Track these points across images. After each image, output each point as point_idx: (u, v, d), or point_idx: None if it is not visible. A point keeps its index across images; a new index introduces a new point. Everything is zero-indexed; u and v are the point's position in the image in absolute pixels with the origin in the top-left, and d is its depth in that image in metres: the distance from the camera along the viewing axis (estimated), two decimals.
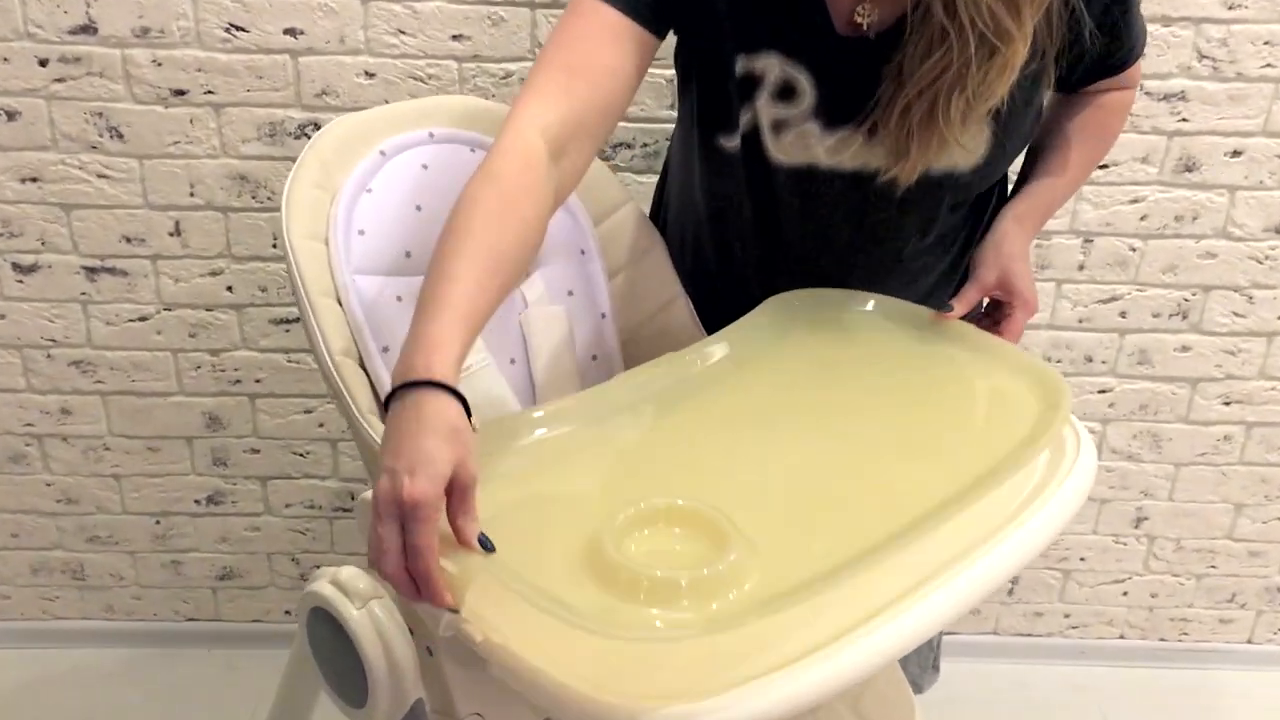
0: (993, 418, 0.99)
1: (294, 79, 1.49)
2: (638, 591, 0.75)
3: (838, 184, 1.06)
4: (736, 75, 1.01)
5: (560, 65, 0.95)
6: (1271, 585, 1.86)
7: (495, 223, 0.85)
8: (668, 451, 0.97)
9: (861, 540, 0.77)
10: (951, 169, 1.03)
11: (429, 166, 1.12)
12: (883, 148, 1.01)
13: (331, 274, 1.03)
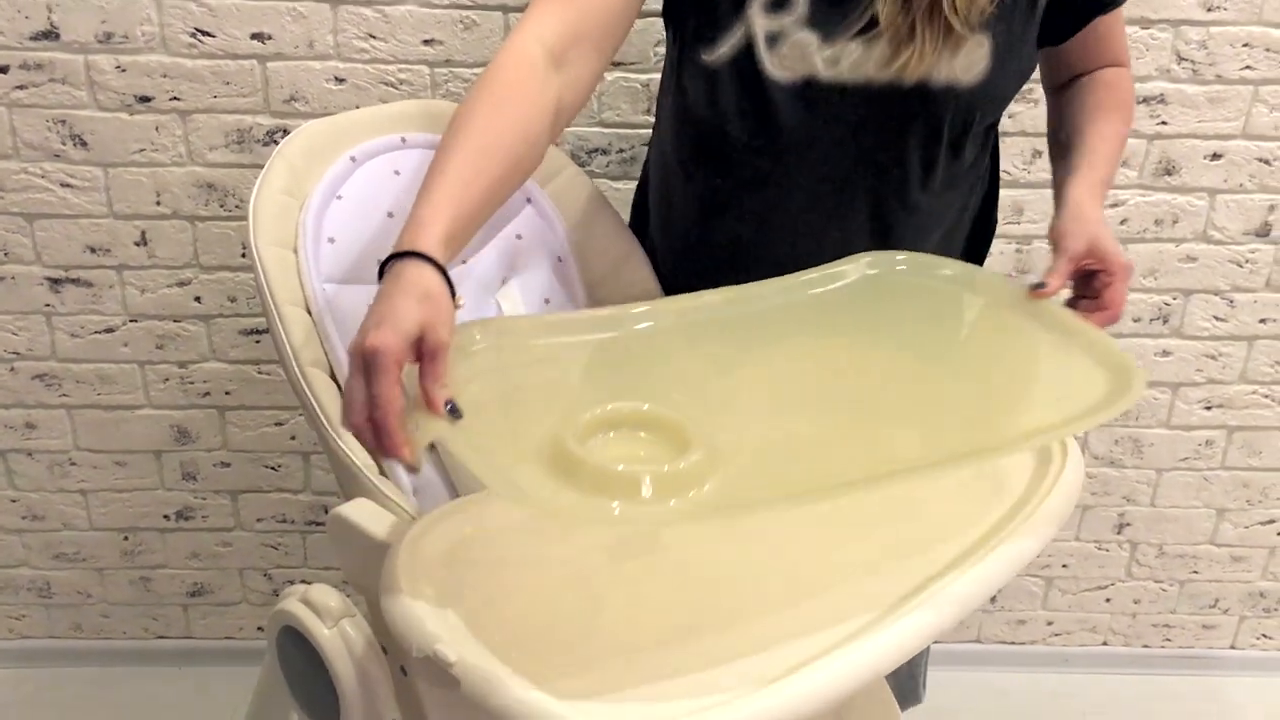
0: (1034, 395, 0.95)
1: (262, 85, 1.46)
2: (598, 486, 0.73)
3: (836, 99, 1.02)
4: None
5: None
6: (1254, 590, 1.85)
7: (486, 118, 0.88)
8: (666, 371, 0.93)
9: (834, 478, 0.74)
10: (953, 82, 1.01)
11: (401, 172, 1.10)
12: (883, 56, 0.99)
13: (300, 282, 1.00)
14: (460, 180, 0.84)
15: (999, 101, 1.07)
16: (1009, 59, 1.02)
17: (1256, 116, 1.52)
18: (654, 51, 1.46)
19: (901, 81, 1.00)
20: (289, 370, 0.98)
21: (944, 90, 1.01)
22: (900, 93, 1.01)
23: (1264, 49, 1.49)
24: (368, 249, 1.05)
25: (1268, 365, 1.67)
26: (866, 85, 1.01)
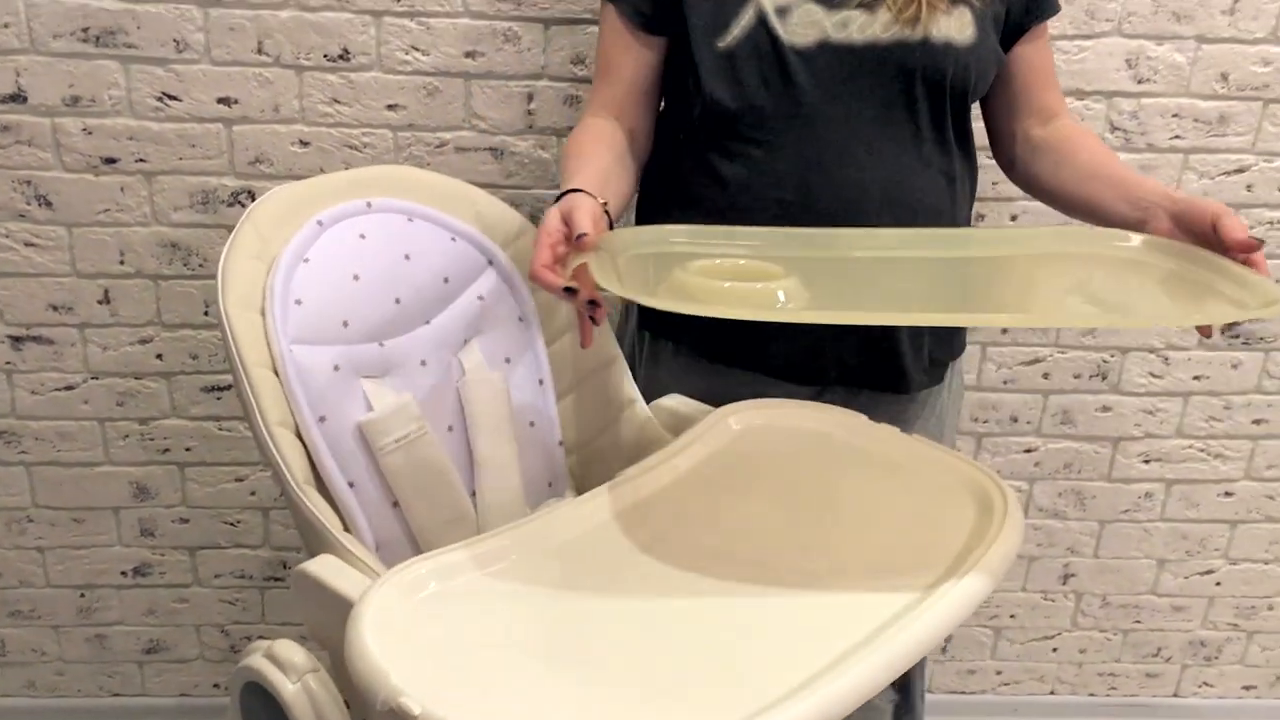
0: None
1: (227, 147, 1.49)
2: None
3: (850, 58, 1.13)
4: None
5: (599, 73, 1.22)
6: (1195, 639, 1.90)
7: (591, 141, 1.16)
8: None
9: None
10: (950, 39, 1.13)
11: (366, 236, 1.13)
12: (887, 15, 1.12)
13: (268, 344, 1.03)
14: (594, 169, 1.09)
15: (987, 66, 1.18)
16: (987, 32, 1.16)
17: (1187, 183, 1.60)
18: None
19: (906, 38, 1.12)
20: (256, 430, 1.01)
21: (944, 45, 1.13)
22: (906, 46, 1.13)
23: (1192, 119, 1.56)
24: (334, 311, 1.08)
25: (1201, 420, 1.73)
26: (874, 43, 1.13)
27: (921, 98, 1.16)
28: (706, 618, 0.86)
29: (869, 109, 1.15)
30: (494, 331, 1.20)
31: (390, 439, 1.06)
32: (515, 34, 1.47)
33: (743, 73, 1.14)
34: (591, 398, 1.25)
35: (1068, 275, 1.07)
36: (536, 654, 0.82)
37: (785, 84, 1.13)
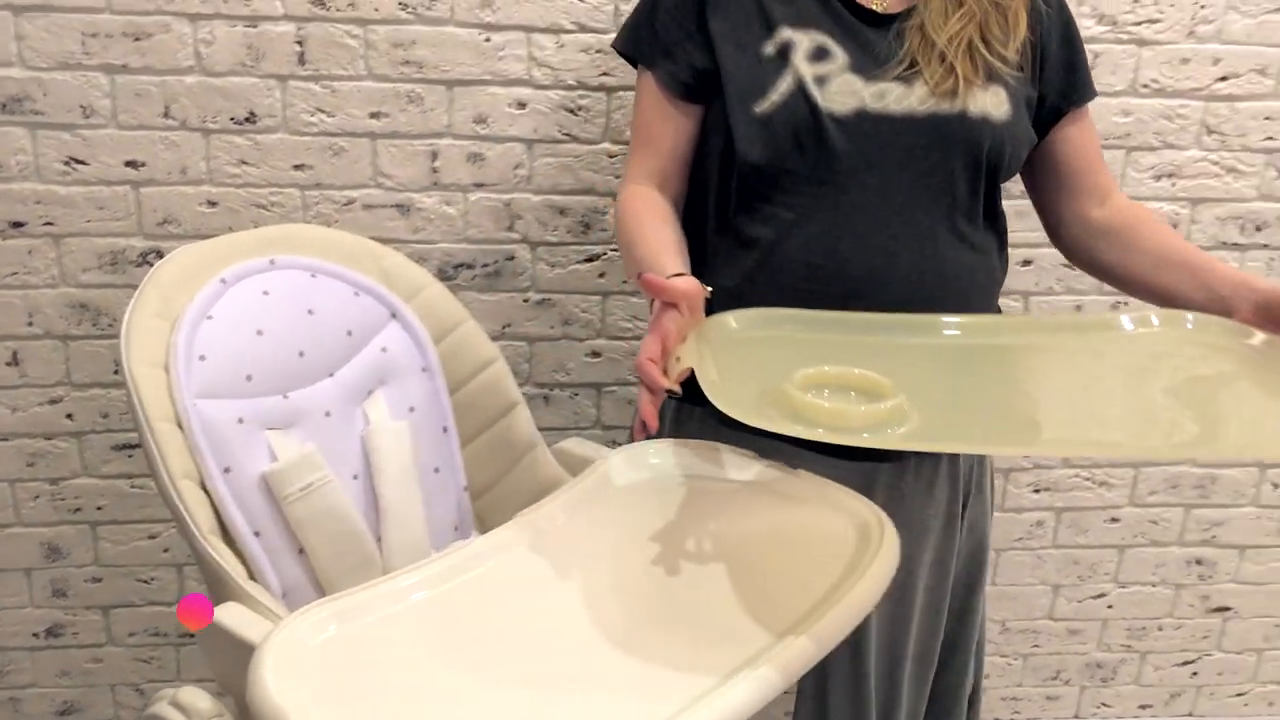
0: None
1: (135, 209, 1.52)
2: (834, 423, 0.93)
3: (887, 127, 1.14)
4: (770, 50, 1.15)
5: (639, 142, 1.24)
6: (1091, 661, 1.98)
7: (645, 210, 1.19)
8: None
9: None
10: (986, 114, 1.15)
11: (269, 292, 1.17)
12: (924, 88, 1.15)
13: (171, 399, 1.06)
14: (658, 239, 1.14)
15: (1021, 144, 1.20)
16: (1021, 111, 1.19)
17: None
18: (514, 174, 1.56)
19: (943, 110, 1.15)
20: (161, 483, 1.04)
21: (980, 119, 1.15)
22: (943, 118, 1.15)
23: None
24: (238, 365, 1.11)
25: None
26: (911, 114, 1.15)
27: (958, 169, 1.17)
28: (592, 649, 0.90)
29: (904, 178, 1.16)
30: (398, 382, 1.24)
31: (294, 488, 1.10)
32: (418, 95, 1.52)
33: (779, 137, 1.15)
34: (495, 443, 1.29)
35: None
36: (434, 691, 0.85)
37: (820, 149, 1.14)
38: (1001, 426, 1.01)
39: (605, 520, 1.09)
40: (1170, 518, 1.87)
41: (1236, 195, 1.68)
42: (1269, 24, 1.59)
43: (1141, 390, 1.06)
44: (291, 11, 1.46)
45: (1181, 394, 1.04)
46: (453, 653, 0.90)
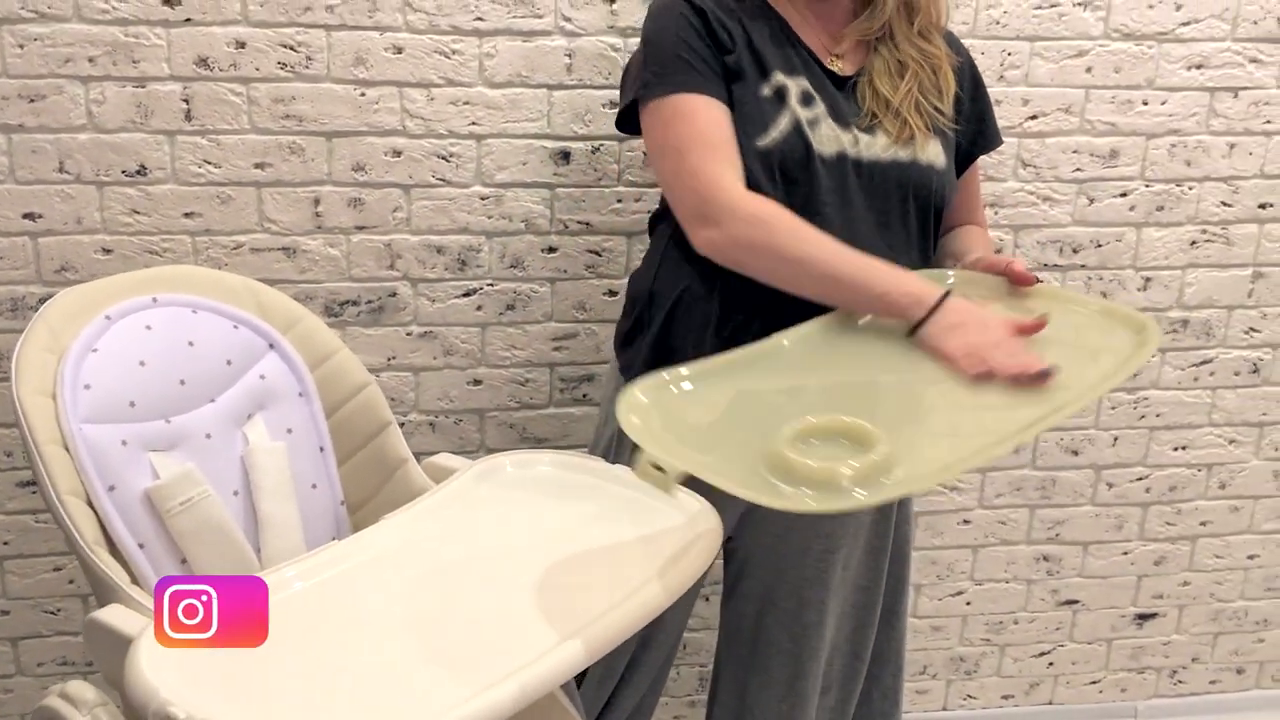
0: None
1: (34, 258, 1.62)
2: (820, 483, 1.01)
3: (861, 170, 1.33)
4: (767, 91, 1.32)
5: (711, 148, 1.30)
6: (954, 655, 2.12)
7: (799, 220, 1.27)
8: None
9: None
10: (931, 162, 1.36)
11: (152, 327, 1.29)
12: (885, 139, 1.34)
13: (59, 424, 1.17)
14: (854, 253, 1.26)
15: (953, 187, 1.42)
16: (952, 160, 1.41)
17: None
18: (392, 216, 1.69)
19: (901, 159, 1.34)
20: (49, 499, 1.14)
21: (928, 167, 1.36)
22: (901, 165, 1.34)
23: None
24: (121, 393, 1.23)
25: None
26: (877, 160, 1.34)
27: (911, 208, 1.36)
28: (430, 631, 1.03)
29: (870, 214, 1.34)
30: (276, 406, 1.36)
31: (175, 502, 1.21)
32: (300, 146, 1.65)
33: (779, 170, 1.31)
34: (370, 460, 1.41)
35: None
36: (288, 670, 0.97)
37: (809, 184, 1.31)
38: (964, 435, 1.12)
39: (458, 521, 1.21)
40: (1017, 518, 2.03)
41: (1053, 221, 1.86)
42: (1069, 68, 1.78)
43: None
44: (177, 72, 1.58)
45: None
46: (307, 634, 1.02)
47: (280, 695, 0.95)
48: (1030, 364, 1.13)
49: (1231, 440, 2.04)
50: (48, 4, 1.53)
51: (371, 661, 0.98)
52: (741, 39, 1.34)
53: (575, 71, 1.67)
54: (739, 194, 1.28)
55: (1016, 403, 1.12)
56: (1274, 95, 1.84)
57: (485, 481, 1.28)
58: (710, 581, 1.66)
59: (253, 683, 0.96)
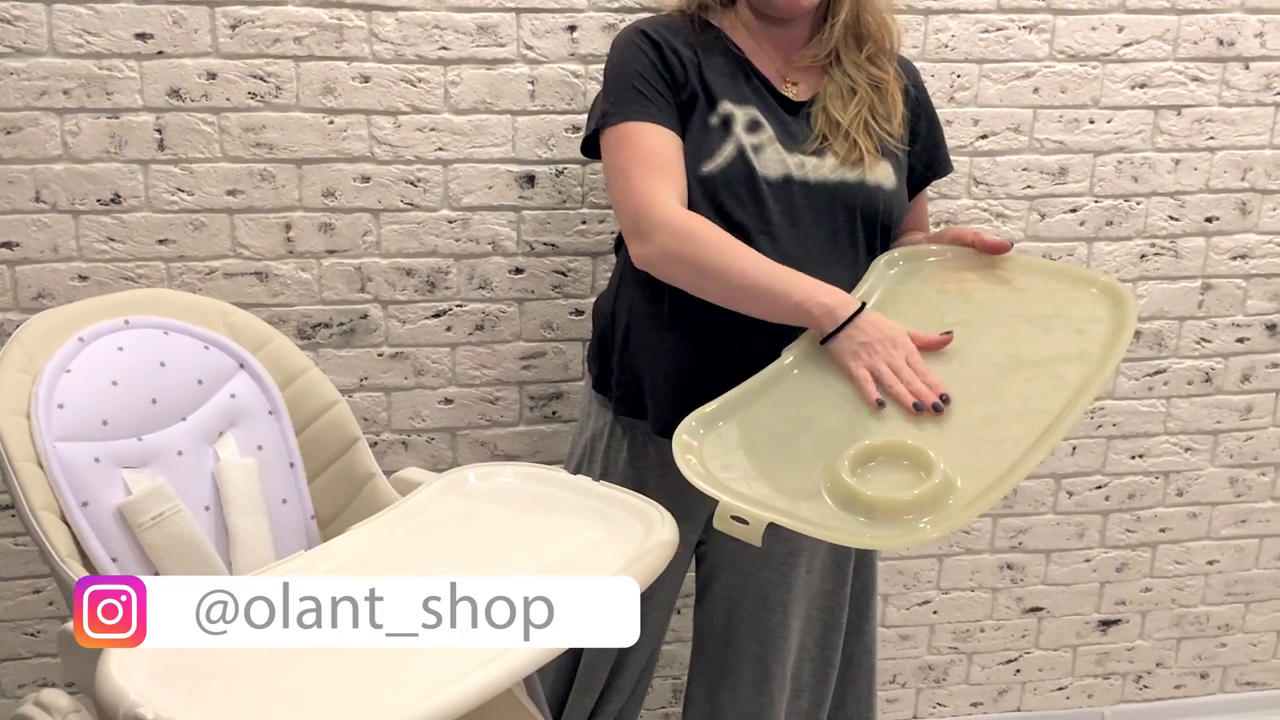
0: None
1: (11, 285, 1.67)
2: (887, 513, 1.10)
3: (807, 191, 1.39)
4: (714, 120, 1.39)
5: (653, 168, 1.36)
6: (923, 664, 2.16)
7: (727, 235, 1.34)
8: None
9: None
10: (879, 183, 1.42)
11: (124, 348, 1.33)
12: (833, 160, 1.40)
13: (33, 442, 1.21)
14: (774, 265, 1.32)
15: (903, 207, 1.49)
16: (903, 181, 1.47)
17: None
18: (362, 240, 1.74)
19: (848, 180, 1.40)
20: (23, 514, 1.18)
21: (876, 187, 1.42)
22: (849, 186, 1.40)
23: None
24: (94, 412, 1.27)
25: None
26: (825, 181, 1.40)
27: (859, 227, 1.42)
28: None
29: (820, 232, 1.40)
30: (247, 424, 1.40)
31: (147, 517, 1.25)
32: (270, 173, 1.69)
33: (723, 195, 1.37)
34: (339, 475, 1.45)
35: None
36: (259, 672, 1.00)
37: (758, 205, 1.37)
38: (1012, 436, 1.15)
39: (423, 530, 1.25)
40: (980, 527, 2.08)
41: (1006, 237, 1.91)
42: (1017, 88, 1.84)
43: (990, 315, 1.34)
44: (150, 103, 1.63)
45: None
46: (273, 640, 1.05)
47: (246, 697, 0.99)
48: (924, 395, 1.21)
49: (1187, 448, 2.09)
50: (23, 39, 1.58)
51: (336, 664, 1.02)
52: (694, 70, 1.40)
53: (538, 98, 1.73)
54: (671, 210, 1.33)
55: (1030, 401, 1.20)
56: (1216, 112, 1.90)
57: (450, 493, 1.32)
58: (683, 595, 1.69)
59: (220, 685, 0.99)
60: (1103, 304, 1.30)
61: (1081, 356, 1.24)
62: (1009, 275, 1.38)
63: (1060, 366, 1.24)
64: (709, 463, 1.20)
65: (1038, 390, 1.21)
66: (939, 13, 1.79)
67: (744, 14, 1.45)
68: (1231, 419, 2.08)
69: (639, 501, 1.24)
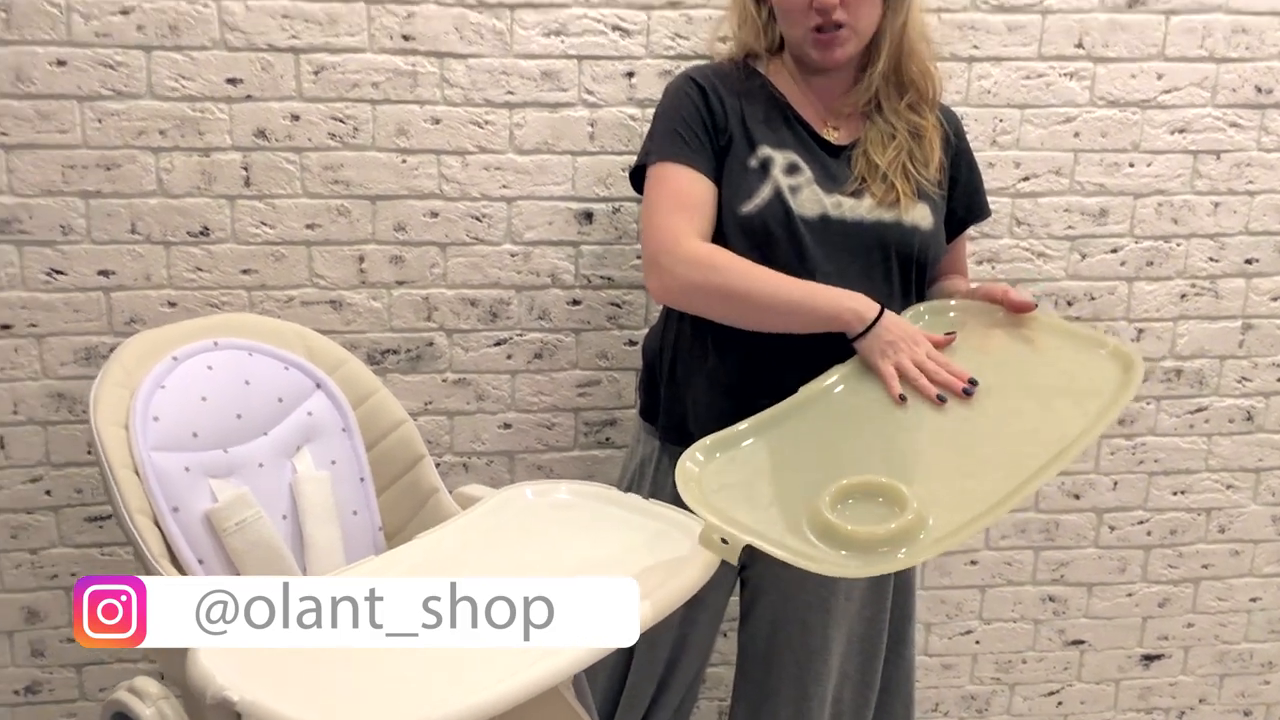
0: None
1: (107, 311, 1.79)
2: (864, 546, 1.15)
3: (844, 230, 1.47)
4: (754, 163, 1.48)
5: (679, 207, 1.46)
6: (965, 694, 2.20)
7: (745, 261, 1.44)
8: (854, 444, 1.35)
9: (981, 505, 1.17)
10: (916, 224, 1.49)
11: (213, 367, 1.44)
12: (870, 201, 1.48)
13: (130, 451, 1.32)
14: (793, 280, 1.42)
15: (940, 247, 1.56)
16: (940, 222, 1.54)
17: None
18: (430, 272, 1.85)
19: (885, 219, 1.48)
20: (120, 517, 1.29)
21: (912, 228, 1.50)
22: (885, 225, 1.48)
23: None
24: (186, 425, 1.38)
25: None
26: (861, 221, 1.48)
27: (894, 264, 1.50)
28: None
29: (855, 269, 1.48)
30: (322, 440, 1.50)
31: (231, 523, 1.35)
32: (347, 208, 1.81)
33: (760, 233, 1.46)
34: (405, 490, 1.55)
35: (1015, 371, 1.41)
36: (335, 662, 1.09)
37: (794, 244, 1.45)
38: (992, 480, 1.22)
39: (482, 539, 1.34)
40: (1022, 559, 2.13)
41: (1048, 276, 1.97)
42: (1058, 133, 1.91)
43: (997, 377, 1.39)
44: (238, 143, 1.76)
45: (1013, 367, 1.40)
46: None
47: (324, 685, 1.07)
48: (952, 383, 1.32)
49: (1229, 485, 2.12)
50: (124, 83, 1.71)
51: (404, 659, 1.11)
52: (736, 116, 1.49)
53: (597, 139, 1.83)
54: (689, 244, 1.43)
55: (1019, 452, 1.25)
56: (1255, 157, 1.96)
57: (508, 506, 1.41)
58: (728, 618, 1.76)
59: (300, 674, 1.08)
60: (1112, 366, 1.35)
61: (1080, 414, 1.29)
62: (1031, 333, 1.44)
63: (1056, 420, 1.29)
64: (706, 483, 1.26)
65: (1031, 436, 1.27)
66: (981, 60, 1.87)
67: (789, 62, 1.55)
68: (1273, 457, 2.12)
69: (683, 516, 1.31)
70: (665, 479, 1.59)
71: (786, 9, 1.47)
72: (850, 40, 1.46)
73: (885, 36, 1.49)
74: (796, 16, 1.46)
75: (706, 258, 1.43)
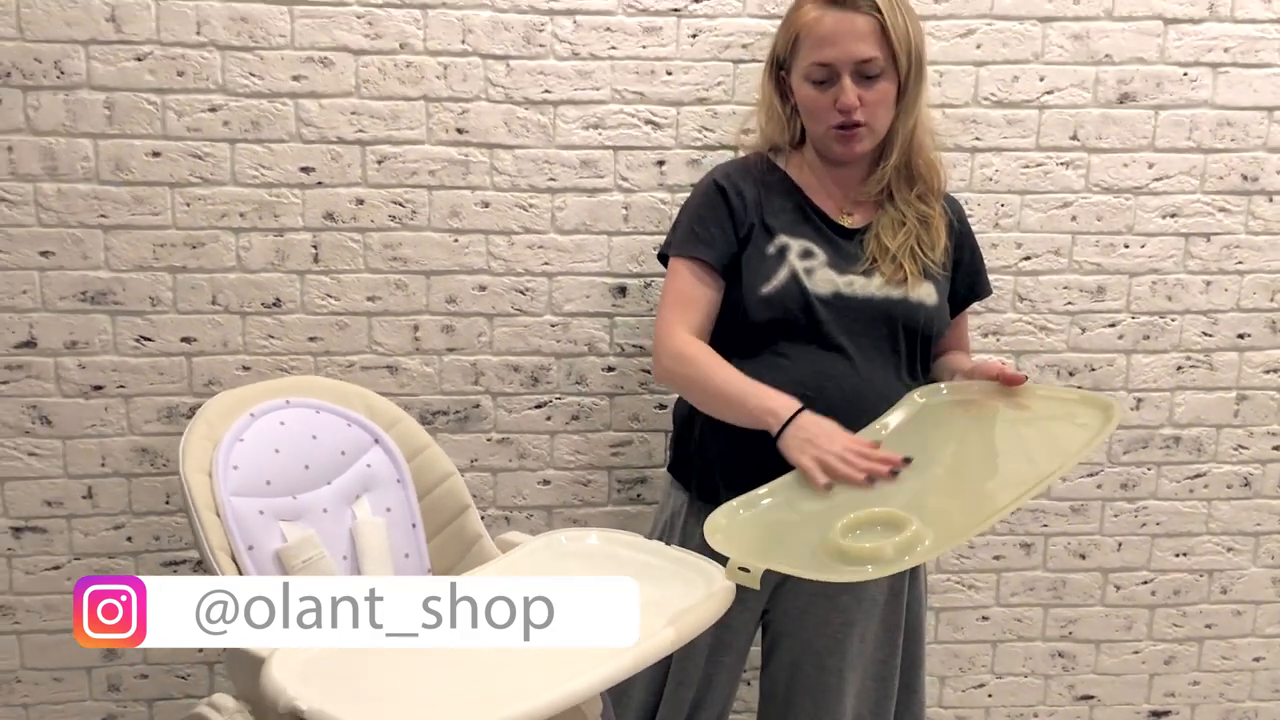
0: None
1: (188, 374, 1.99)
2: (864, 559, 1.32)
3: (855, 307, 1.64)
4: (772, 250, 1.65)
5: (677, 304, 1.68)
6: None
7: (708, 357, 1.63)
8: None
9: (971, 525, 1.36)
10: (921, 300, 1.66)
11: (285, 423, 1.62)
12: (880, 279, 1.64)
13: (213, 495, 1.50)
14: (740, 379, 1.59)
15: (944, 323, 1.72)
16: (944, 300, 1.71)
17: None
18: (477, 340, 2.03)
19: (893, 296, 1.65)
20: (203, 552, 1.46)
21: (918, 304, 1.66)
22: (893, 302, 1.65)
23: None
24: (260, 474, 1.55)
25: (953, 558, 2.21)
26: (871, 298, 1.64)
27: (901, 337, 1.66)
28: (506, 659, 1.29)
29: (865, 341, 1.64)
30: (379, 489, 1.68)
31: (298, 561, 1.52)
32: (404, 283, 2.00)
33: (778, 310, 1.63)
34: (452, 536, 1.71)
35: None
36: (390, 679, 1.24)
37: (809, 318, 1.63)
38: (969, 504, 1.41)
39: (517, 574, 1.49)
40: (1032, 616, 2.24)
41: (1050, 348, 2.12)
42: (1056, 216, 2.07)
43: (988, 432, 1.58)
44: (309, 224, 1.96)
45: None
46: (413, 657, 1.29)
47: (388, 696, 1.21)
48: (877, 469, 1.45)
49: (1229, 548, 2.23)
50: (210, 172, 1.93)
51: (456, 674, 1.24)
52: (755, 209, 1.68)
53: (631, 220, 2.02)
54: (675, 338, 1.65)
55: (1006, 475, 1.44)
56: (1243, 239, 2.10)
57: (544, 551, 1.56)
58: (751, 666, 1.89)
59: (365, 685, 1.22)
60: (1094, 413, 1.50)
61: (1059, 453, 1.45)
62: (1025, 401, 1.60)
63: (1043, 454, 1.47)
64: (731, 531, 1.43)
65: (1022, 461, 1.48)
66: (984, 150, 2.04)
67: (809, 155, 1.72)
68: (1271, 522, 2.23)
69: (703, 562, 1.46)
70: (694, 530, 1.73)
71: (812, 108, 1.65)
72: (867, 137, 1.64)
73: (898, 134, 1.66)
74: (821, 115, 1.64)
75: (684, 351, 1.64)
